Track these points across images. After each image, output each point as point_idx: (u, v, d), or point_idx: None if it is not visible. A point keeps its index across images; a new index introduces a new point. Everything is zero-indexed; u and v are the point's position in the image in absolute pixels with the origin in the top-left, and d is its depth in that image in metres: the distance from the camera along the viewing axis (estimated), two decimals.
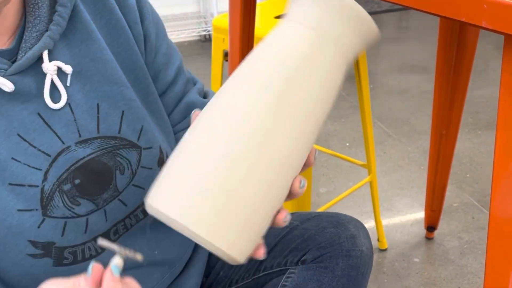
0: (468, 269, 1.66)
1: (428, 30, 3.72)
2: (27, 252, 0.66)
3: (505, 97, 0.70)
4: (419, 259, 1.71)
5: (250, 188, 0.54)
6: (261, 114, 0.55)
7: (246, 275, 0.89)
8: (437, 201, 1.72)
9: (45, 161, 0.67)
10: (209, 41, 3.79)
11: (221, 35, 1.62)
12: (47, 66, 0.67)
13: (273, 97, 0.55)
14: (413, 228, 1.84)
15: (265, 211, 0.56)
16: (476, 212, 1.90)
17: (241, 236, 0.54)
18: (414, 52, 3.32)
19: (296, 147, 0.56)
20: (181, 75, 0.84)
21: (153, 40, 0.79)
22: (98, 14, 0.73)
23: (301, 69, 0.56)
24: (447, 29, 1.46)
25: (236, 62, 1.17)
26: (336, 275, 0.82)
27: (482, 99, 2.65)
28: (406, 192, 2.02)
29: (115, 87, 0.72)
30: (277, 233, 0.90)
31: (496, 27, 0.64)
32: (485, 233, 1.79)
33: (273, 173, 0.55)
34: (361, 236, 0.87)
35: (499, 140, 0.72)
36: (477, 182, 2.05)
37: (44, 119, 0.67)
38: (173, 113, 0.84)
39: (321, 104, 0.57)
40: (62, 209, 0.68)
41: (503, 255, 0.75)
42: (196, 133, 0.56)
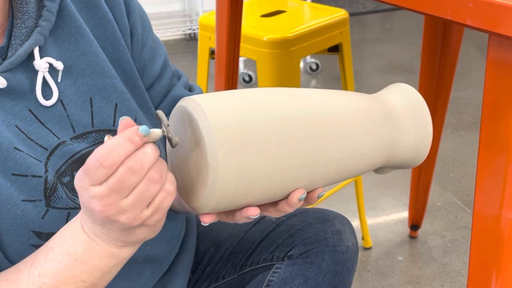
0: (451, 267, 1.67)
1: (411, 31, 3.75)
2: (31, 242, 0.66)
3: (489, 95, 0.71)
4: (403, 258, 1.73)
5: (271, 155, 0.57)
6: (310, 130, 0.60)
7: (232, 270, 0.90)
8: (420, 200, 1.73)
9: (43, 154, 0.67)
10: (194, 39, 3.79)
11: (208, 33, 1.63)
12: (38, 64, 0.66)
13: (317, 126, 0.61)
14: (397, 227, 1.86)
15: (259, 184, 0.58)
16: (459, 211, 1.92)
17: (230, 177, 0.56)
18: (398, 53, 3.34)
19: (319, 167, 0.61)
20: (167, 69, 0.84)
21: (139, 34, 0.79)
22: (84, 7, 0.73)
23: (351, 128, 0.63)
24: (432, 30, 1.48)
25: (223, 60, 1.17)
26: (322, 270, 0.83)
27: (465, 100, 2.68)
28: (390, 192, 2.04)
29: (107, 80, 0.72)
30: (263, 228, 0.90)
31: (480, 25, 0.65)
32: (468, 232, 1.81)
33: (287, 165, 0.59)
34: (346, 232, 0.88)
35: (482, 139, 0.73)
36: (460, 182, 2.08)
37: (36, 116, 0.67)
38: (159, 107, 0.84)
39: (348, 156, 0.63)
40: (65, 200, 0.68)
41: (486, 253, 0.76)
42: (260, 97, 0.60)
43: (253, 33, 1.46)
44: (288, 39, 1.45)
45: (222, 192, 0.56)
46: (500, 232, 0.74)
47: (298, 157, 0.59)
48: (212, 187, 0.56)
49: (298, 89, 0.64)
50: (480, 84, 2.81)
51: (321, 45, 1.54)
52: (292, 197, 0.61)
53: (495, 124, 0.71)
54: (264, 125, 0.57)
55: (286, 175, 0.59)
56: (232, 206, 0.59)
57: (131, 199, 0.54)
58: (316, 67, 3.09)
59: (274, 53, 1.45)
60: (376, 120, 0.66)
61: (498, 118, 0.71)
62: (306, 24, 1.52)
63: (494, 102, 0.71)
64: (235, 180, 0.56)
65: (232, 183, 0.56)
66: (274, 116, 0.58)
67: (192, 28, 3.65)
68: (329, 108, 0.63)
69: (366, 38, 3.69)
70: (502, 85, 0.70)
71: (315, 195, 0.64)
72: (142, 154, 0.53)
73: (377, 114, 0.67)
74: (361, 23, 3.96)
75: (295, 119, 0.59)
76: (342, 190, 1.84)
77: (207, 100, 0.58)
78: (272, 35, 1.45)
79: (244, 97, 0.60)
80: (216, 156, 0.55)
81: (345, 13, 1.60)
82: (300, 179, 0.60)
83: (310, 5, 1.74)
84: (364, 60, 3.26)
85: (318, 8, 1.69)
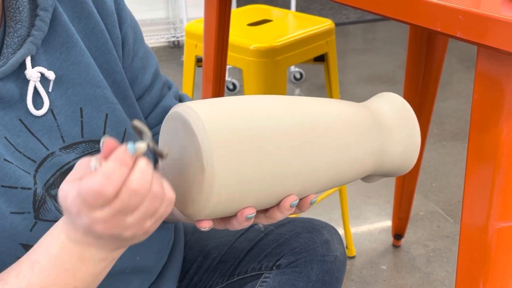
0: (434, 276, 1.68)
1: (394, 42, 3.79)
2: (19, 255, 0.65)
3: (477, 106, 0.72)
4: (386, 267, 1.73)
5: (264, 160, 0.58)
6: (300, 136, 0.61)
7: (220, 280, 0.90)
8: (404, 209, 1.75)
9: (31, 167, 0.66)
10: (177, 47, 3.79)
11: (194, 41, 1.63)
12: (30, 73, 0.66)
13: (310, 133, 0.62)
14: (381, 236, 1.87)
15: (252, 186, 0.58)
16: (442, 220, 1.94)
17: (225, 182, 0.56)
18: (381, 63, 3.37)
19: (309, 172, 0.62)
20: (158, 79, 0.84)
21: (131, 44, 0.79)
22: (76, 17, 0.73)
23: (343, 136, 0.64)
24: (416, 41, 1.49)
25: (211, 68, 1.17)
26: (311, 280, 0.83)
27: (447, 110, 2.71)
28: (373, 201, 2.05)
29: (98, 90, 0.72)
30: (251, 237, 0.90)
31: (470, 38, 0.66)
32: (450, 241, 1.83)
33: (280, 170, 0.59)
34: (334, 241, 0.88)
35: (470, 149, 0.73)
36: (442, 192, 2.09)
37: (26, 125, 0.66)
38: (149, 117, 0.83)
39: (339, 163, 0.64)
40: (54, 212, 0.67)
41: (474, 262, 0.77)
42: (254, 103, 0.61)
43: (239, 42, 1.47)
44: (274, 48, 1.45)
45: (218, 197, 0.56)
46: (488, 241, 0.75)
47: (292, 163, 0.59)
48: (209, 192, 0.55)
49: (291, 97, 0.65)
50: (461, 95, 2.84)
51: (307, 55, 1.55)
52: (284, 203, 0.61)
53: (483, 135, 0.72)
54: (260, 131, 0.58)
55: (280, 181, 0.59)
56: (227, 212, 0.59)
57: (136, 216, 0.53)
58: (300, 77, 3.11)
59: (260, 62, 1.46)
60: (367, 128, 0.67)
61: (486, 129, 0.72)
62: (293, 34, 1.52)
63: (482, 113, 0.72)
64: (231, 185, 0.56)
65: (228, 188, 0.56)
66: (269, 122, 0.59)
67: (176, 35, 3.64)
68: (322, 116, 0.63)
69: (349, 48, 3.71)
70: (490, 96, 0.70)
71: (308, 202, 0.64)
72: (141, 174, 0.52)
73: (367, 122, 0.68)
74: (344, 33, 3.99)
75: (290, 126, 0.60)
76: (326, 199, 1.85)
77: (202, 106, 0.58)
78: (259, 44, 1.45)
79: (238, 103, 0.60)
80: (212, 161, 0.55)
81: (330, 23, 1.61)
82: (294, 186, 0.61)
83: (296, 15, 1.75)
84: (347, 70, 3.28)
85: (304, 18, 1.70)
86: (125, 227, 0.54)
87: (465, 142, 2.43)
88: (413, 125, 0.71)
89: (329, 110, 0.65)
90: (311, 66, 3.12)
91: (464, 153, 2.35)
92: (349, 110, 0.67)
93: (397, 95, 0.73)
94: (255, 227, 0.92)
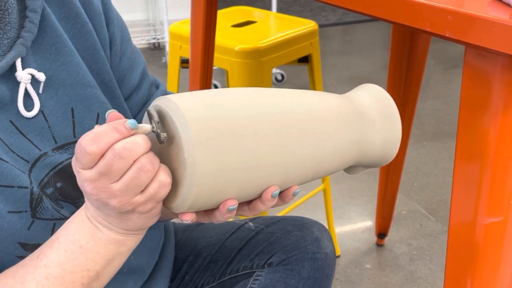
0: (418, 274, 1.71)
1: (372, 44, 3.83)
2: (17, 254, 0.65)
3: (465, 105, 0.74)
4: (370, 265, 1.75)
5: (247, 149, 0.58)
6: (285, 126, 0.62)
7: (211, 278, 0.90)
8: (387, 209, 1.77)
9: (25, 166, 0.66)
10: (158, 49, 3.78)
11: (178, 42, 1.63)
12: (21, 75, 0.65)
13: (295, 121, 0.63)
14: (364, 235, 1.89)
15: (235, 178, 0.59)
16: (424, 219, 1.96)
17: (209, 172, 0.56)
18: (360, 65, 3.40)
19: (290, 162, 0.62)
20: (146, 79, 0.84)
21: (118, 44, 0.79)
22: (64, 17, 0.72)
23: (324, 125, 0.65)
24: (399, 43, 1.51)
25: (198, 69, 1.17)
26: (302, 277, 0.84)
27: (426, 111, 2.74)
28: (356, 201, 2.07)
29: (88, 90, 0.72)
30: (242, 236, 0.91)
31: (459, 37, 0.67)
32: (432, 240, 1.86)
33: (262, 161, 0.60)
34: (325, 239, 0.89)
35: (459, 147, 0.75)
36: (423, 191, 2.12)
37: (17, 127, 0.66)
38: (137, 116, 0.84)
39: (320, 154, 0.65)
40: (51, 210, 0.67)
41: (462, 258, 0.78)
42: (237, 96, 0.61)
43: (224, 43, 1.47)
44: (259, 49, 1.46)
45: (199, 188, 0.56)
46: (476, 237, 0.76)
47: (274, 153, 0.60)
48: (190, 183, 0.55)
49: (272, 89, 0.65)
50: (439, 96, 2.88)
51: (292, 56, 1.56)
52: (266, 194, 0.61)
53: (470, 133, 0.74)
54: (240, 120, 0.58)
55: (261, 172, 0.59)
56: (209, 204, 0.59)
57: (120, 184, 0.55)
58: (281, 78, 3.12)
59: (245, 63, 1.46)
60: (348, 118, 0.68)
61: (473, 127, 0.73)
62: (277, 35, 1.53)
63: (470, 112, 0.73)
64: (212, 175, 0.56)
65: (209, 179, 0.56)
66: (250, 112, 0.59)
67: (156, 37, 3.63)
68: (303, 106, 0.64)
69: (329, 50, 3.74)
70: (478, 95, 0.72)
71: (290, 193, 0.64)
72: (132, 142, 0.54)
73: (348, 112, 0.69)
74: (324, 35, 4.01)
75: (271, 116, 0.60)
76: (310, 199, 1.86)
77: (182, 98, 0.58)
78: (244, 45, 1.46)
79: (219, 95, 0.60)
80: (193, 152, 0.55)
81: (314, 25, 1.62)
82: (275, 176, 0.61)
83: (280, 16, 1.76)
84: (328, 71, 3.30)
85: (287, 19, 1.71)
86: (111, 193, 0.55)
87: (444, 142, 2.47)
88: (394, 115, 0.72)
89: (310, 100, 0.66)
90: (293, 67, 3.14)
91: (443, 153, 2.38)
92: (331, 100, 0.68)
93: (378, 86, 0.74)
94: (245, 225, 0.93)
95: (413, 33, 1.51)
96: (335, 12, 4.39)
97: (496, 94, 0.71)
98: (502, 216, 0.75)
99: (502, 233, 0.76)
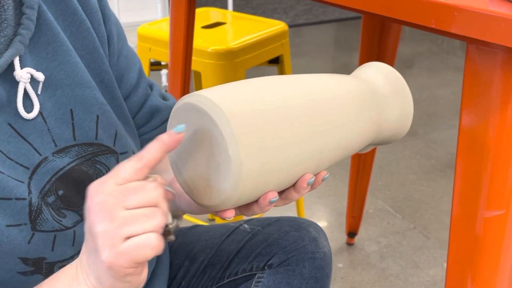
0: (389, 271, 1.73)
1: (323, 45, 3.87)
2: (18, 270, 0.61)
3: (467, 100, 0.75)
4: (342, 264, 1.76)
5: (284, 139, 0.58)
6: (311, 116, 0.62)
7: (209, 283, 0.88)
8: (357, 207, 1.78)
9: (24, 174, 0.63)
10: None
11: (147, 44, 1.60)
12: (20, 74, 0.62)
13: (321, 109, 0.63)
14: (334, 235, 1.90)
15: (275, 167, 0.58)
16: (391, 217, 1.99)
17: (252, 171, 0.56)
18: (315, 66, 3.43)
19: (323, 150, 0.63)
20: (143, 78, 0.82)
21: (116, 42, 0.77)
22: (61, 15, 0.70)
23: (348, 108, 0.66)
24: (369, 45, 1.53)
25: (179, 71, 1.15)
26: (304, 278, 0.83)
27: None
28: (324, 201, 2.08)
29: (87, 91, 0.69)
30: (239, 239, 0.89)
31: (465, 33, 0.68)
32: (400, 237, 1.88)
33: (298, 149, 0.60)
34: (321, 238, 0.89)
35: (461, 142, 0.76)
36: (389, 189, 2.15)
37: (16, 130, 0.63)
38: (136, 117, 0.81)
39: (348, 136, 0.66)
40: (51, 222, 0.64)
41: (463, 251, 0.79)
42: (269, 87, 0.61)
43: (197, 45, 1.45)
44: (233, 51, 1.45)
45: (244, 184, 0.55)
46: (476, 230, 0.77)
47: (308, 141, 0.60)
48: (236, 181, 0.55)
49: (293, 76, 0.66)
50: None
51: (264, 57, 1.56)
52: (301, 182, 0.61)
53: (472, 127, 0.75)
54: (276, 111, 0.58)
55: (298, 161, 0.60)
56: (251, 198, 0.59)
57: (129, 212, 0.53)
58: None
59: (219, 64, 1.45)
60: (365, 98, 0.69)
61: (474, 122, 0.75)
62: (249, 36, 1.53)
63: (471, 107, 0.74)
64: (256, 170, 0.55)
65: (253, 174, 0.55)
66: (283, 103, 0.59)
67: None
68: (328, 92, 0.65)
69: None
70: (479, 91, 0.73)
71: (320, 178, 0.64)
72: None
73: (364, 92, 0.70)
74: None
75: (302, 104, 0.60)
76: None
77: (216, 94, 0.57)
78: (217, 47, 1.45)
79: (248, 87, 0.59)
80: (237, 149, 0.54)
81: (284, 25, 1.62)
82: (310, 164, 0.61)
83: (249, 17, 1.76)
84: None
85: (257, 20, 1.71)
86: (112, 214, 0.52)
87: (404, 140, 2.51)
88: (404, 90, 0.73)
89: (332, 85, 0.66)
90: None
91: (404, 152, 2.43)
92: (349, 83, 0.69)
93: (382, 63, 0.76)
94: (240, 228, 0.91)
95: (382, 34, 1.53)
96: (287, 15, 4.43)
97: (496, 89, 0.72)
98: (503, 209, 0.76)
99: (503, 226, 0.77)
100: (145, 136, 0.82)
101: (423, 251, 1.82)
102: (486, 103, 0.73)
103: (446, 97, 2.98)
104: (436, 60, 3.53)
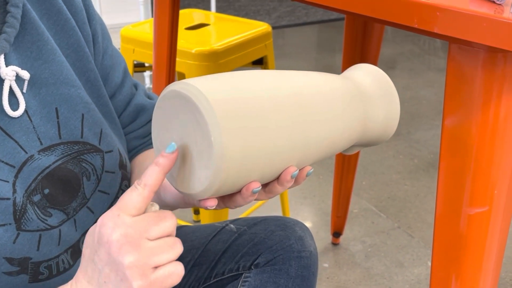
0: (374, 271, 1.74)
1: (303, 46, 3.89)
2: (3, 270, 0.61)
3: (449, 99, 0.76)
4: (328, 264, 1.77)
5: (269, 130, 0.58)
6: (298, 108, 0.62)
7: (196, 283, 0.88)
8: (342, 207, 1.79)
9: (10, 173, 0.63)
10: None
11: (131, 46, 1.59)
12: (5, 72, 0.62)
13: (306, 104, 0.63)
14: (319, 235, 1.91)
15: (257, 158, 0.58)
16: (375, 217, 2.00)
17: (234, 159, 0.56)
18: (299, 67, 3.44)
19: (306, 143, 0.63)
20: (128, 77, 0.82)
21: (101, 41, 0.77)
22: (45, 14, 0.70)
23: (333, 105, 0.66)
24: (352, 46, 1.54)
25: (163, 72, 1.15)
26: (291, 276, 0.83)
27: None
28: (309, 201, 2.09)
29: (72, 89, 0.69)
30: (225, 239, 0.89)
31: (448, 33, 0.69)
32: (385, 236, 1.90)
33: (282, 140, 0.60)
34: (307, 237, 0.89)
35: (444, 139, 0.77)
36: (372, 189, 2.17)
37: (2, 127, 0.63)
38: (122, 115, 0.82)
39: (332, 133, 0.66)
40: (36, 221, 0.64)
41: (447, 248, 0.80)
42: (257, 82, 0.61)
43: (181, 46, 1.45)
44: (217, 52, 1.45)
45: (227, 171, 0.55)
46: (460, 227, 0.78)
47: (293, 133, 0.60)
48: (218, 166, 0.54)
49: (280, 70, 0.66)
50: None
51: (248, 58, 1.56)
52: (285, 175, 0.61)
53: (454, 126, 0.76)
54: (261, 101, 0.58)
55: (282, 153, 0.59)
56: (233, 188, 0.58)
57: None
58: None
59: (203, 65, 1.45)
60: (351, 97, 0.70)
61: (457, 121, 0.76)
62: (233, 37, 1.53)
63: (454, 106, 0.75)
64: (239, 158, 0.55)
65: (236, 162, 0.55)
66: (267, 93, 0.59)
67: None
68: (314, 87, 0.65)
69: None
70: (461, 90, 0.74)
71: (304, 173, 0.64)
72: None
73: (351, 91, 0.70)
74: None
75: (287, 96, 0.60)
76: (265, 202, 1.86)
77: (200, 81, 0.57)
78: (201, 48, 1.45)
79: (234, 77, 0.59)
80: (220, 135, 0.53)
81: (268, 26, 1.63)
82: (294, 156, 0.61)
83: (232, 19, 1.76)
84: None
85: (240, 21, 1.71)
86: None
87: (389, 140, 2.53)
88: (392, 91, 0.74)
89: (317, 81, 0.67)
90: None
91: (388, 151, 2.45)
92: (334, 81, 0.70)
93: (371, 64, 0.77)
94: (226, 228, 0.92)
95: (365, 35, 1.54)
96: (270, 16, 4.44)
97: (478, 88, 0.73)
98: (486, 206, 0.77)
99: (487, 223, 0.78)
100: (131, 135, 0.82)
101: (408, 250, 1.83)
102: (468, 102, 0.74)
103: (429, 98, 3.01)
104: (418, 61, 3.57)
